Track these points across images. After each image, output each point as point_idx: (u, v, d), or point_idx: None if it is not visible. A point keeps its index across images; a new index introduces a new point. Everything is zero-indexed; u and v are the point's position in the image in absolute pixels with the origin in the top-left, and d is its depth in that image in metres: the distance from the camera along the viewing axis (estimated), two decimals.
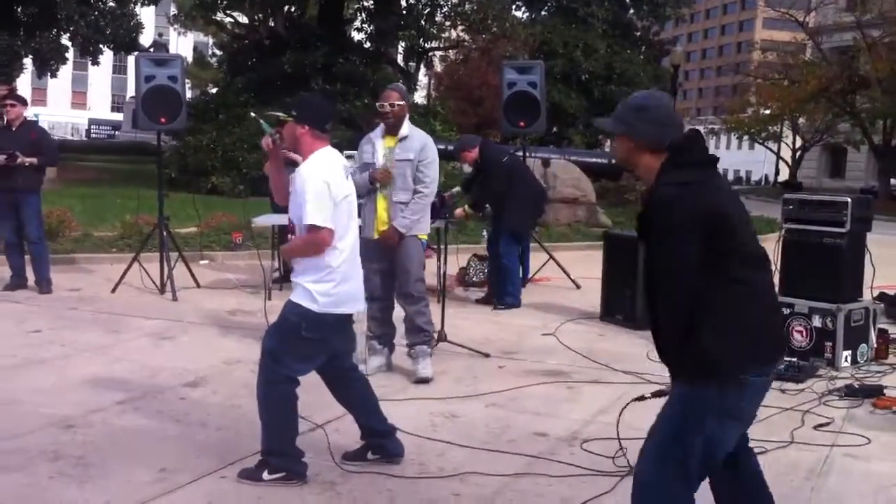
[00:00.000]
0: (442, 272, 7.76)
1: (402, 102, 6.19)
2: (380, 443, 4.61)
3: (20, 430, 4.87)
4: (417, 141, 6.28)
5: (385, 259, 6.26)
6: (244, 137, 20.21)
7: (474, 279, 10.50)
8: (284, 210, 4.47)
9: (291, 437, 4.34)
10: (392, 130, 6.24)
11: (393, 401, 5.67)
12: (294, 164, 4.40)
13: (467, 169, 9.39)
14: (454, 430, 5.20)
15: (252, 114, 5.48)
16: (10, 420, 5.05)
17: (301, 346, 4.25)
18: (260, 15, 30.45)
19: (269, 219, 9.15)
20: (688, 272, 2.87)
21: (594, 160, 21.16)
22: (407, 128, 6.29)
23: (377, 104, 6.22)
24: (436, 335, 6.79)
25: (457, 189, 9.31)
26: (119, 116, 71.49)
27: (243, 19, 32.66)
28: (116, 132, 65.59)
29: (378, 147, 6.28)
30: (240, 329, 7.60)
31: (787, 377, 6.48)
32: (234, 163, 20.21)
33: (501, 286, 9.23)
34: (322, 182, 4.14)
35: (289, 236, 4.40)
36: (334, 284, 4.20)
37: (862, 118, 34.30)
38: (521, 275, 9.90)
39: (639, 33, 48.82)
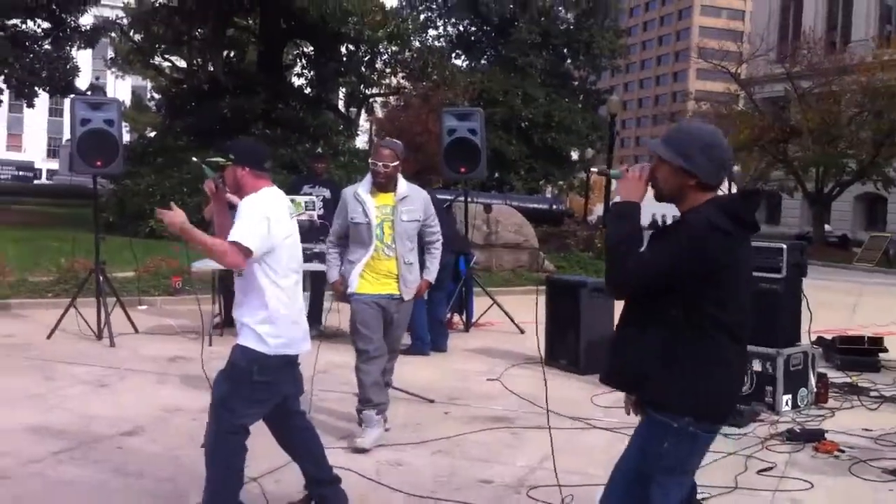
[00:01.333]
0: None
1: (395, 163, 5.84)
2: (322, 492, 4.51)
3: None
4: (419, 200, 6.05)
5: (387, 316, 5.89)
6: (183, 181, 20.00)
7: None
8: None
9: (235, 493, 4.23)
10: (383, 189, 5.90)
11: (336, 448, 5.59)
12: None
13: None
14: (400, 478, 5.13)
15: (194, 158, 5.41)
16: None
17: (253, 391, 4.16)
18: (199, 59, 30.31)
19: (209, 263, 8.98)
20: (659, 274, 2.96)
21: (535, 206, 21.34)
22: (405, 186, 5.98)
23: (370, 161, 5.99)
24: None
25: None
26: (53, 161, 70.67)
27: (182, 63, 32.50)
28: (18, 173, 65.11)
29: (369, 206, 5.87)
30: (179, 376, 7.43)
31: (729, 422, 6.53)
32: (171, 206, 19.95)
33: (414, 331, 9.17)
34: (261, 214, 4.09)
35: (235, 279, 4.32)
36: (282, 326, 4.14)
37: (795, 166, 35.16)
38: (465, 318, 9.90)
39: (576, 83, 49.83)
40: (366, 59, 28.79)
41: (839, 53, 38.65)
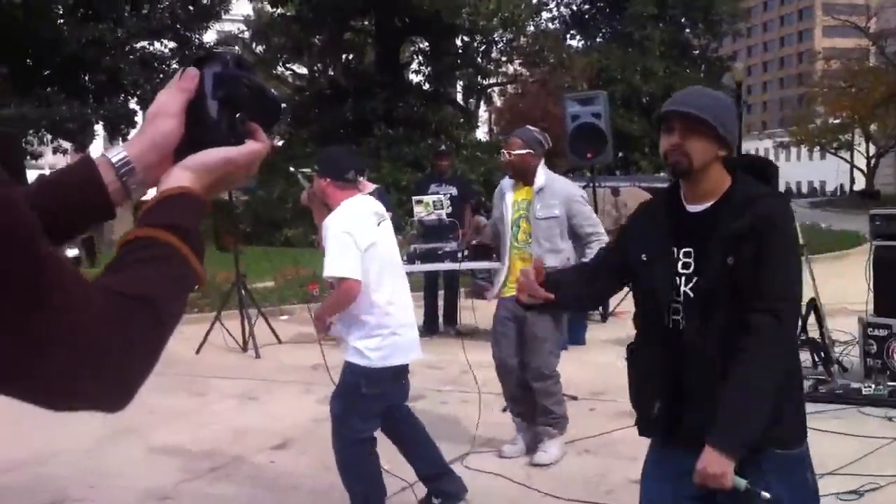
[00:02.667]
0: None
1: (523, 151, 5.45)
2: (435, 486, 4.54)
3: None
4: (561, 194, 5.48)
5: (519, 325, 5.53)
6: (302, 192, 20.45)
7: None
8: None
9: (379, 499, 4.27)
10: (521, 181, 5.57)
11: (485, 451, 5.57)
12: None
13: None
14: (549, 481, 5.07)
15: (291, 168, 5.51)
16: (105, 494, 5.05)
17: (364, 404, 4.22)
18: (319, 66, 30.88)
19: None
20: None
21: (663, 185, 20.84)
22: (543, 178, 5.50)
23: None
24: (566, 420, 5.69)
25: None
26: None
27: (303, 70, 33.19)
28: None
29: (508, 200, 5.59)
30: (323, 384, 7.49)
31: (893, 403, 6.22)
32: (306, 213, 20.39)
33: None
34: (341, 232, 4.09)
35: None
36: (381, 338, 4.17)
37: None
38: (602, 307, 9.76)
39: (697, 52, 48.48)
40: (481, 49, 28.76)
41: None
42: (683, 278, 2.58)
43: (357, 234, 4.11)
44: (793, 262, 2.57)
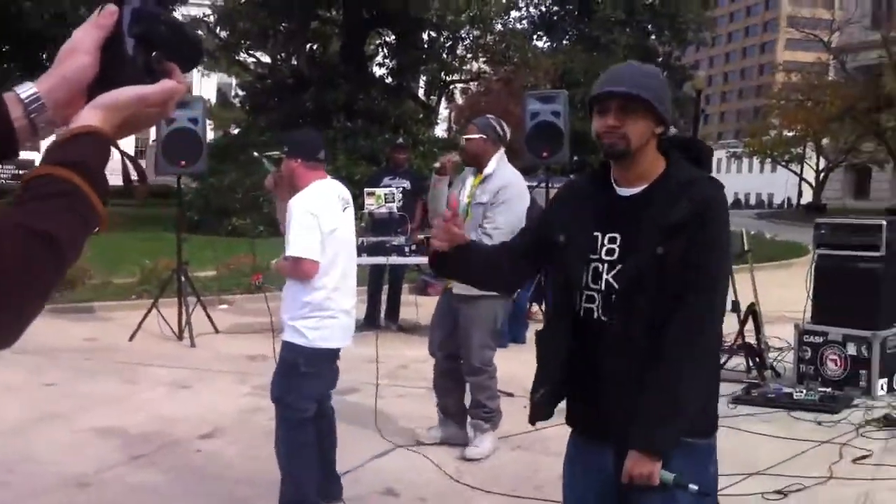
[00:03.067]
0: None
1: (476, 136, 5.45)
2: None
3: (36, 490, 4.75)
4: (497, 181, 5.38)
5: (448, 315, 5.53)
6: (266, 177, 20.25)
7: None
8: None
9: (313, 486, 4.23)
10: (476, 166, 5.51)
11: (416, 446, 5.52)
12: None
13: None
14: (480, 476, 5.04)
15: (255, 153, 5.43)
16: (26, 479, 4.92)
17: (303, 383, 4.21)
18: (283, 54, 30.64)
19: None
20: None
21: None
22: (493, 166, 5.43)
23: None
24: (499, 416, 5.63)
25: None
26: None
27: (266, 59, 32.91)
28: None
29: (466, 186, 5.54)
30: (259, 375, 7.42)
31: (822, 408, 6.28)
32: (256, 203, 20.24)
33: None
34: (307, 213, 4.10)
35: None
36: (320, 319, 4.16)
37: (887, 137, 33.92)
38: (545, 307, 9.74)
39: (660, 59, 48.86)
40: (447, 44, 28.72)
41: None
42: (606, 265, 2.45)
43: (322, 216, 4.13)
44: (726, 253, 2.50)
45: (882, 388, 6.75)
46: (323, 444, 4.43)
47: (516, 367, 7.88)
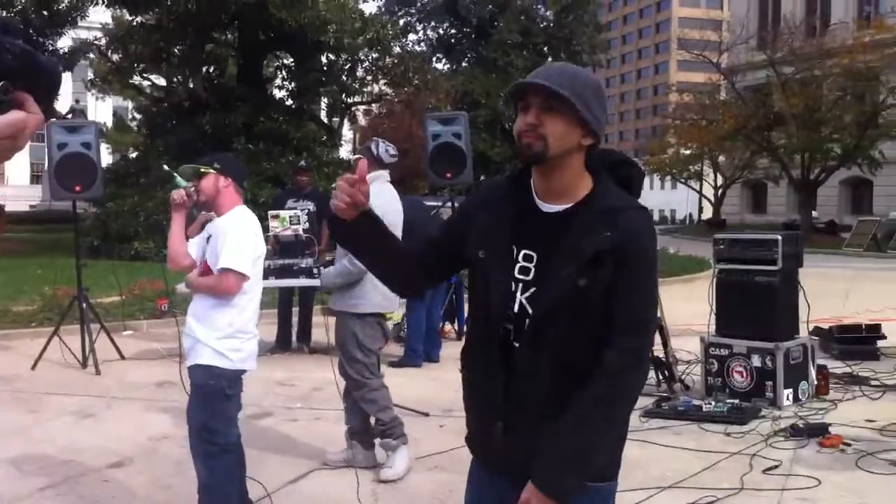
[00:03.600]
0: None
1: (355, 157, 5.67)
2: None
3: None
4: (373, 198, 5.62)
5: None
6: (167, 200, 19.82)
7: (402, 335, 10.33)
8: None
9: None
10: None
11: (331, 469, 5.45)
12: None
13: None
14: (396, 498, 4.99)
15: (165, 167, 5.26)
16: None
17: (227, 407, 4.11)
18: (178, 77, 30.11)
19: None
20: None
21: None
22: (373, 187, 5.59)
23: None
24: (398, 425, 5.55)
25: None
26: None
27: (162, 82, 32.31)
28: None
29: None
30: (167, 402, 7.26)
31: (731, 419, 6.42)
32: (158, 227, 19.81)
33: (407, 341, 9.23)
34: (250, 233, 4.11)
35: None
36: (242, 341, 4.10)
37: (780, 154, 35.14)
38: (457, 326, 9.81)
39: None
40: (346, 67, 28.64)
41: (820, 37, 38.67)
42: (521, 285, 2.24)
43: (256, 238, 4.16)
44: (653, 289, 2.29)
45: (788, 399, 6.93)
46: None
47: (431, 386, 7.91)
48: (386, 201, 5.49)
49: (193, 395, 4.14)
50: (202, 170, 4.21)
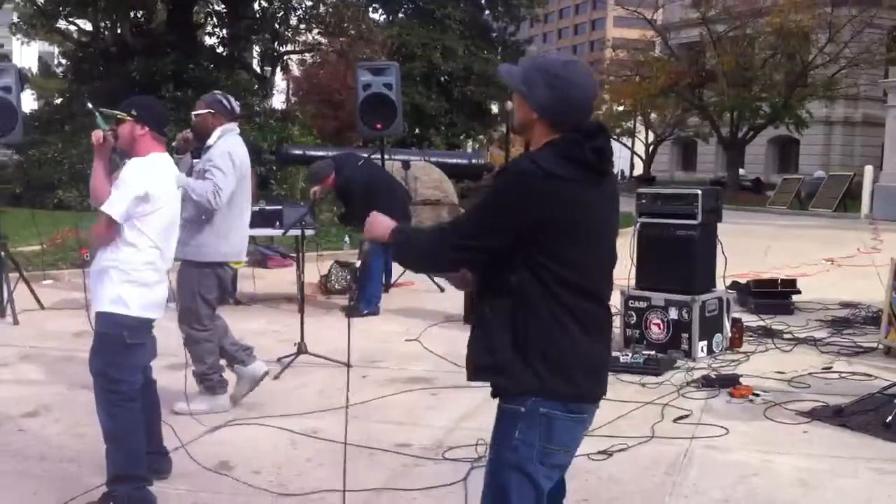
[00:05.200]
0: (300, 281, 7.51)
1: (203, 111, 5.68)
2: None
3: None
4: (214, 151, 5.55)
5: None
6: (93, 148, 19.39)
7: (336, 286, 10.31)
8: None
9: (141, 461, 4.11)
10: (203, 141, 5.69)
11: (254, 418, 5.46)
12: None
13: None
14: (315, 447, 5.03)
15: (90, 105, 5.17)
16: None
17: (129, 355, 4.08)
18: (106, 22, 29.29)
19: None
20: (475, 237, 2.60)
21: (455, 161, 21.18)
22: (214, 137, 5.63)
23: None
24: (215, 373, 5.73)
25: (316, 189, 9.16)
26: None
27: (89, 27, 31.40)
28: None
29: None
30: (85, 351, 7.12)
31: (647, 370, 6.57)
32: (83, 175, 19.40)
33: (361, 290, 9.15)
34: (141, 185, 3.99)
35: None
36: (146, 289, 4.07)
37: (710, 112, 35.61)
38: (382, 281, 9.81)
39: (495, 34, 49.60)
40: (279, 15, 28.12)
41: None
42: None
43: (155, 188, 4.03)
44: (480, 209, 2.61)
45: (702, 351, 7.11)
46: (150, 417, 4.32)
47: (355, 338, 7.91)
48: (236, 150, 5.61)
49: (95, 341, 4.11)
50: (118, 116, 4.15)
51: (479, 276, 2.70)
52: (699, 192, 7.32)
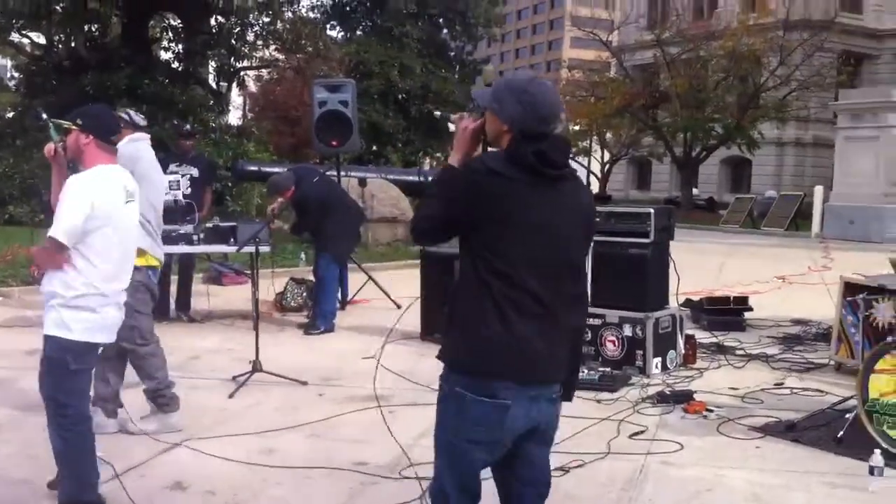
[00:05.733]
0: (254, 298, 7.44)
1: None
2: None
3: None
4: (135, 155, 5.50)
5: None
6: (46, 162, 19.06)
7: (292, 304, 10.26)
8: None
9: (93, 485, 4.05)
10: None
11: (208, 438, 5.41)
12: None
13: None
14: (271, 466, 4.98)
15: (44, 115, 5.11)
16: None
17: (74, 381, 4.00)
18: (60, 35, 28.96)
19: None
20: (437, 218, 2.98)
21: (410, 178, 21.17)
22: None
23: None
24: (166, 390, 5.66)
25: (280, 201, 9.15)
26: None
27: (42, 40, 31.03)
28: None
29: None
30: (36, 371, 7.05)
31: (602, 387, 6.62)
32: (35, 190, 19.12)
33: (316, 306, 9.13)
34: (86, 200, 3.88)
35: None
36: (90, 312, 3.95)
37: (663, 132, 36.03)
38: (338, 297, 9.79)
39: (453, 53, 49.90)
40: (236, 31, 27.99)
41: (707, 20, 39.72)
42: None
43: (99, 201, 3.92)
44: (435, 199, 2.98)
45: (656, 367, 7.19)
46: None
47: (311, 356, 7.91)
48: (132, 153, 5.43)
49: (43, 363, 4.04)
50: (65, 125, 4.08)
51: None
52: (651, 211, 7.41)
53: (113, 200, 4.03)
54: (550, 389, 2.98)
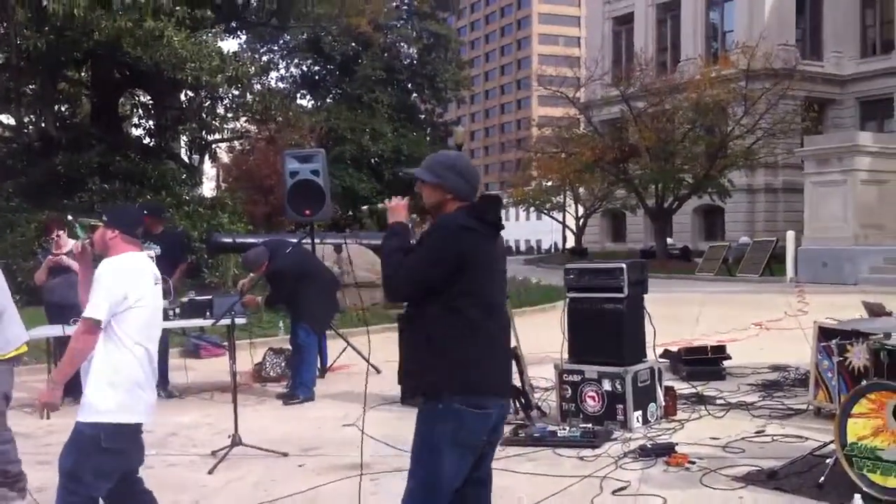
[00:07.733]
0: (232, 370, 7.39)
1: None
2: None
3: None
4: None
5: None
6: (17, 244, 19.02)
7: (271, 373, 10.20)
8: (60, 321, 4.28)
9: None
10: None
11: None
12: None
13: None
14: None
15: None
16: None
17: (101, 461, 4.02)
18: (30, 116, 29.05)
19: (44, 330, 8.59)
20: (425, 271, 3.55)
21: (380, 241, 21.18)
22: None
23: None
24: (19, 480, 5.69)
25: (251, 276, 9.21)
26: None
27: (11, 121, 31.11)
28: None
29: None
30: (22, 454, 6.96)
31: (584, 444, 6.60)
32: (7, 271, 19.01)
33: (296, 376, 9.11)
34: (114, 275, 4.04)
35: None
36: (129, 393, 4.03)
37: (635, 184, 36.35)
38: (318, 365, 9.75)
39: (423, 116, 50.52)
40: (206, 104, 28.18)
41: (670, 73, 40.35)
42: None
43: (130, 284, 4.06)
44: (419, 260, 3.57)
45: (638, 421, 7.17)
46: None
47: (291, 425, 7.84)
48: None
49: (71, 436, 4.09)
50: (91, 223, 4.33)
51: (409, 307, 3.72)
52: (624, 265, 7.45)
53: (143, 281, 4.17)
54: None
